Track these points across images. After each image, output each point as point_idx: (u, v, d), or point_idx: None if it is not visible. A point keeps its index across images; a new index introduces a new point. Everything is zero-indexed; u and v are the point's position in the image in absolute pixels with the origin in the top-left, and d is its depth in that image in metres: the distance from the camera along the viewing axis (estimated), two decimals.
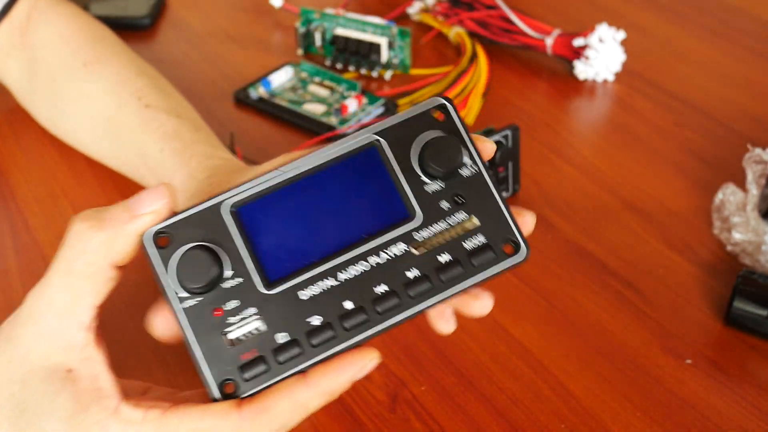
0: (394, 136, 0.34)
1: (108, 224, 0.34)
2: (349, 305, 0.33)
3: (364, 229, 0.33)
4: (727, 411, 0.45)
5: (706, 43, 0.81)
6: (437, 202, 0.34)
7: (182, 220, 0.33)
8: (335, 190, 0.34)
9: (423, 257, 0.33)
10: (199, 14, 0.86)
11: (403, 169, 0.34)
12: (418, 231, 0.33)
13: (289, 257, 0.33)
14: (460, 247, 0.34)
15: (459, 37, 0.78)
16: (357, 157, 0.34)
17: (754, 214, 0.54)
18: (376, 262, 0.33)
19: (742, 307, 0.49)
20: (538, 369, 0.48)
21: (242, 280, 0.33)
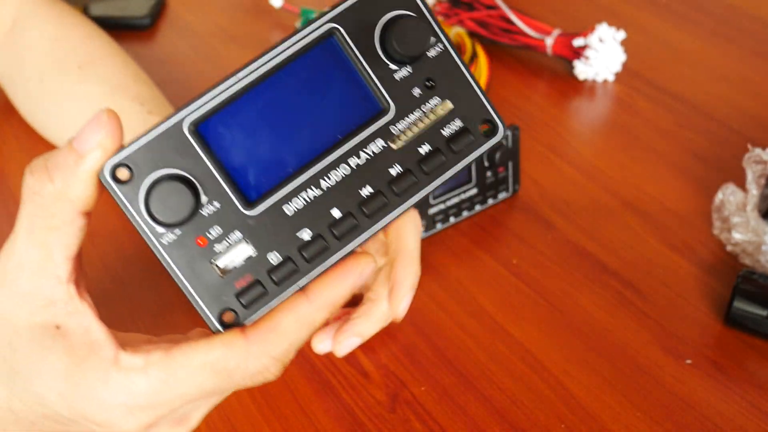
0: (352, 20, 0.31)
1: (57, 172, 0.31)
2: (337, 213, 0.31)
3: (338, 129, 0.31)
4: (727, 411, 0.45)
5: (706, 43, 0.81)
6: (408, 89, 0.32)
7: (140, 149, 0.30)
8: (299, 90, 0.31)
9: (403, 151, 0.32)
10: (199, 14, 0.86)
11: (368, 58, 0.31)
12: (394, 124, 0.32)
13: (265, 171, 0.31)
14: (439, 134, 0.32)
15: (459, 37, 0.78)
16: (316, 51, 0.31)
17: (754, 214, 0.54)
18: (356, 164, 0.31)
19: (742, 307, 0.49)
20: (538, 369, 0.48)
21: (220, 204, 0.30)
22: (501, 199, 0.60)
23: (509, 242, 0.57)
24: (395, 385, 0.47)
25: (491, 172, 0.58)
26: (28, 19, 0.63)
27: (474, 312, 0.52)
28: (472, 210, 0.59)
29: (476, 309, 0.52)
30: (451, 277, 0.54)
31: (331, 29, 0.31)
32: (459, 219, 0.58)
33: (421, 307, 0.52)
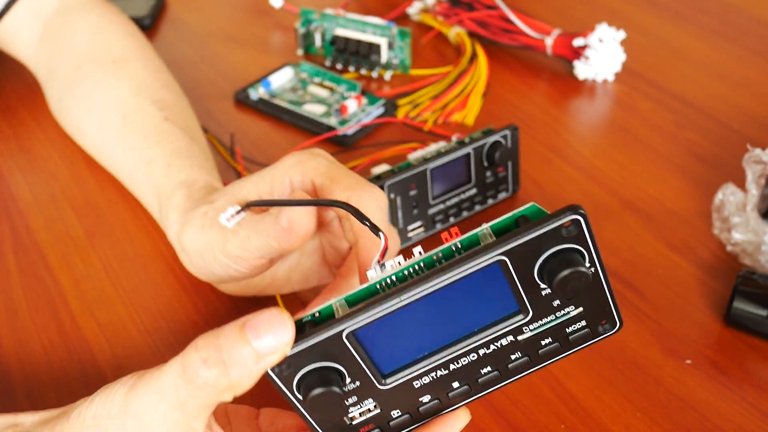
0: (520, 253, 0.32)
1: (233, 369, 0.32)
2: (456, 385, 0.35)
3: (477, 321, 0.34)
4: (727, 411, 0.45)
5: (706, 43, 0.81)
6: (550, 301, 0.34)
7: (303, 351, 0.32)
8: (454, 305, 0.33)
9: (527, 342, 0.35)
10: (199, 14, 0.86)
11: (523, 282, 0.33)
12: (528, 325, 0.34)
13: (404, 355, 0.34)
14: (563, 331, 0.35)
15: (459, 37, 0.78)
16: (479, 274, 0.32)
17: (754, 214, 0.54)
18: (484, 353, 0.35)
19: (742, 307, 0.49)
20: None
21: (360, 383, 0.34)
22: (501, 199, 0.60)
23: None
24: None
25: (491, 172, 0.58)
26: (75, 9, 0.64)
27: None
28: (471, 210, 0.59)
29: None
30: None
31: (499, 260, 0.32)
32: (459, 219, 0.58)
33: None
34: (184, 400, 0.33)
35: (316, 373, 0.33)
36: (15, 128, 0.68)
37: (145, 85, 0.59)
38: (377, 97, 0.70)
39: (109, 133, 0.58)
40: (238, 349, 0.32)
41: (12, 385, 0.47)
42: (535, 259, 0.32)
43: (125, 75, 0.60)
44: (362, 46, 0.74)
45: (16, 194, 0.61)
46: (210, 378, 0.32)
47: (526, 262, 0.32)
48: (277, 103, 0.70)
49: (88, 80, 0.61)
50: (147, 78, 0.60)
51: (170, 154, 0.53)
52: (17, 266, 0.55)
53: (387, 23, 0.73)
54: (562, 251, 0.32)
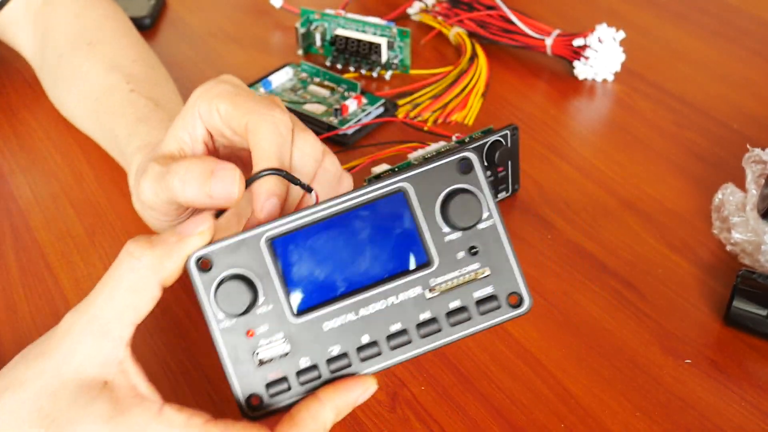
0: (421, 183, 0.36)
1: (158, 244, 0.36)
2: (366, 339, 0.37)
3: (386, 269, 0.37)
4: (727, 411, 0.46)
5: (705, 43, 0.81)
6: (454, 251, 0.37)
7: (223, 247, 0.36)
8: (363, 230, 0.36)
9: (435, 301, 0.37)
10: (199, 14, 0.86)
11: (427, 217, 0.36)
12: (434, 277, 0.37)
13: (316, 290, 0.36)
14: (470, 294, 0.37)
15: (459, 37, 0.78)
16: (385, 200, 0.36)
17: (754, 214, 0.54)
18: (392, 302, 0.36)
19: (741, 307, 0.49)
20: (537, 369, 0.48)
21: (273, 306, 0.36)
22: (500, 198, 0.60)
23: None
24: (395, 384, 0.47)
25: (490, 172, 0.58)
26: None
27: None
28: None
29: None
30: None
31: (403, 187, 0.36)
32: None
33: None
34: (115, 284, 0.35)
35: (233, 278, 0.35)
36: (15, 127, 0.68)
37: (116, 64, 0.60)
38: (377, 96, 0.70)
39: (87, 117, 0.61)
40: (162, 233, 0.36)
41: None
42: (436, 194, 0.36)
43: (99, 57, 0.61)
44: (362, 46, 0.74)
45: (17, 193, 0.61)
46: (135, 249, 0.35)
47: (428, 197, 0.36)
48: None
49: (67, 66, 0.62)
50: (119, 55, 0.61)
51: (132, 124, 0.54)
52: (18, 265, 0.55)
53: (387, 23, 0.73)
54: (459, 189, 0.36)
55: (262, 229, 0.36)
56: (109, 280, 0.36)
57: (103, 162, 0.64)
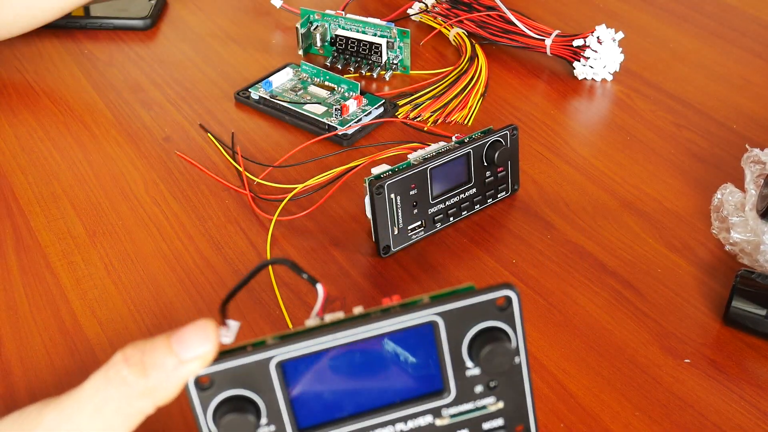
0: (453, 318, 0.33)
1: (153, 371, 0.32)
2: None
3: (399, 393, 0.34)
4: (726, 410, 0.46)
5: (704, 44, 0.81)
6: (473, 384, 0.35)
7: (229, 369, 0.32)
8: (382, 357, 0.34)
9: (444, 428, 0.35)
10: (199, 14, 0.86)
11: (452, 351, 0.34)
12: (447, 407, 0.35)
13: (322, 410, 0.34)
14: (479, 425, 0.35)
15: (458, 37, 0.79)
16: (411, 331, 0.33)
17: (753, 214, 0.54)
18: (401, 429, 0.35)
19: (740, 307, 0.49)
20: (537, 368, 0.48)
21: (275, 428, 0.33)
22: (500, 198, 0.60)
23: (509, 242, 0.57)
24: None
25: (490, 172, 0.58)
26: None
27: None
28: (471, 209, 0.59)
29: None
30: (450, 277, 0.54)
31: (434, 321, 0.33)
32: (459, 218, 0.58)
33: None
34: (102, 403, 0.32)
35: (236, 401, 0.32)
36: (16, 128, 0.68)
37: None
38: (377, 97, 0.70)
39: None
40: (159, 353, 0.32)
41: (14, 384, 0.47)
42: (466, 330, 0.33)
43: None
44: (362, 46, 0.74)
45: (18, 193, 0.61)
46: (128, 376, 0.32)
47: (458, 331, 0.33)
48: (278, 102, 0.70)
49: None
50: None
51: None
52: (18, 265, 0.55)
53: (387, 24, 0.74)
54: (492, 328, 0.34)
55: (274, 353, 0.32)
56: (96, 398, 0.32)
57: (103, 162, 0.64)
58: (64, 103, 0.72)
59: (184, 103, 0.72)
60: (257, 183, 0.62)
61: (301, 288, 0.53)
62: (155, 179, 0.63)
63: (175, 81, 0.75)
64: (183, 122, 0.69)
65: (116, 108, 0.71)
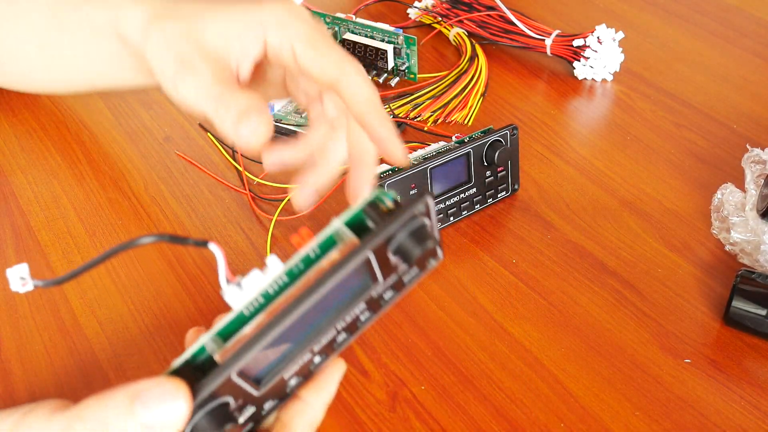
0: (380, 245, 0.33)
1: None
2: (317, 359, 0.36)
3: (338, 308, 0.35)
4: (726, 410, 0.46)
5: (704, 44, 0.81)
6: (397, 272, 0.36)
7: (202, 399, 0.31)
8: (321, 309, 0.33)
9: (371, 301, 0.36)
10: None
11: (382, 266, 0.34)
12: (376, 289, 0.35)
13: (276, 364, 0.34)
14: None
15: (458, 37, 0.79)
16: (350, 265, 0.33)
17: (753, 214, 0.54)
18: (341, 326, 0.35)
19: (740, 307, 0.49)
20: (537, 368, 0.48)
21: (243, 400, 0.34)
22: (501, 198, 0.60)
23: (509, 242, 0.57)
24: (395, 384, 0.47)
25: (490, 172, 0.58)
26: None
27: (473, 311, 0.52)
28: (472, 209, 0.59)
29: (476, 308, 0.52)
30: (450, 277, 0.54)
31: (367, 258, 0.33)
32: (459, 218, 0.58)
33: (422, 307, 0.52)
34: None
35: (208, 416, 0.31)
36: (16, 127, 0.68)
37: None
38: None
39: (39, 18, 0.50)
40: (124, 424, 0.29)
41: (13, 383, 0.47)
42: (392, 244, 0.34)
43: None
44: (369, 52, 0.74)
45: (18, 193, 0.61)
46: None
47: (384, 249, 0.34)
48: (283, 126, 0.67)
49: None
50: None
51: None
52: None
53: (395, 30, 0.73)
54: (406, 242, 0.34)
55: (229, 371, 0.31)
56: None
57: (103, 162, 0.64)
58: (64, 103, 0.71)
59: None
60: (257, 183, 0.62)
61: None
62: (155, 179, 0.63)
63: None
64: (183, 122, 0.69)
65: (116, 108, 0.71)
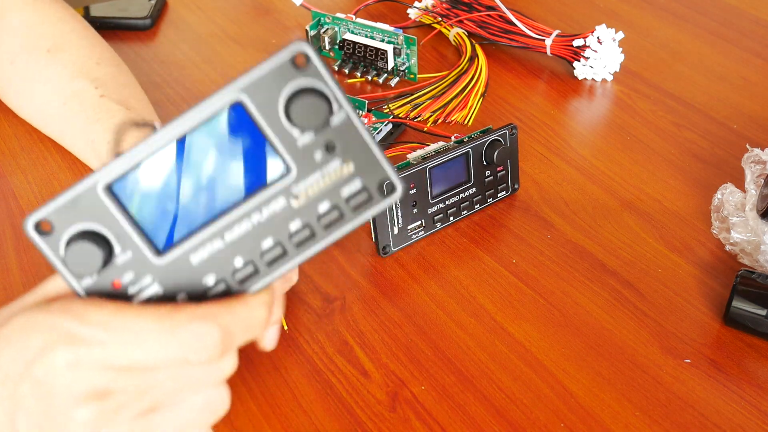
0: (257, 90, 0.33)
1: None
2: (240, 262, 0.34)
3: (243, 189, 0.34)
4: (726, 410, 0.46)
5: (704, 44, 0.81)
6: (311, 154, 0.34)
7: (60, 206, 0.33)
8: (208, 153, 0.34)
9: (303, 208, 0.34)
10: (199, 14, 0.86)
11: (272, 125, 0.33)
12: (296, 184, 0.34)
13: (172, 224, 0.34)
14: (337, 193, 0.35)
15: (458, 37, 0.79)
16: (224, 116, 0.33)
17: (753, 214, 0.54)
18: (258, 220, 0.34)
19: (741, 307, 0.49)
20: (537, 368, 0.48)
21: (132, 253, 0.33)
22: (500, 198, 0.60)
23: (509, 242, 0.57)
24: (395, 384, 0.47)
25: (490, 171, 0.58)
26: (9, 7, 0.67)
27: (473, 311, 0.52)
28: (471, 209, 0.59)
29: (476, 308, 0.52)
30: (450, 277, 0.54)
31: (238, 99, 0.33)
32: (459, 218, 0.58)
33: (421, 307, 0.52)
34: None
35: (82, 236, 0.32)
36: (16, 128, 0.68)
37: (80, 68, 0.62)
38: (385, 113, 0.69)
39: (52, 121, 0.63)
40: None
41: None
42: (277, 99, 0.33)
43: (61, 62, 0.62)
44: (369, 52, 0.74)
45: (18, 193, 0.61)
46: None
47: (269, 105, 0.33)
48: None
49: (23, 73, 0.64)
50: (81, 59, 0.63)
51: (108, 130, 0.56)
52: (18, 265, 0.55)
53: (395, 30, 0.73)
54: (302, 93, 0.33)
55: (96, 178, 0.32)
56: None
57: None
58: None
59: (184, 103, 0.72)
60: None
61: (301, 287, 0.53)
62: None
63: (174, 81, 0.75)
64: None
65: None
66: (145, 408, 0.33)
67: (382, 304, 0.52)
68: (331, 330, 0.51)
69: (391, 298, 0.53)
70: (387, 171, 0.35)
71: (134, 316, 0.32)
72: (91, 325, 0.31)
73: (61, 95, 0.61)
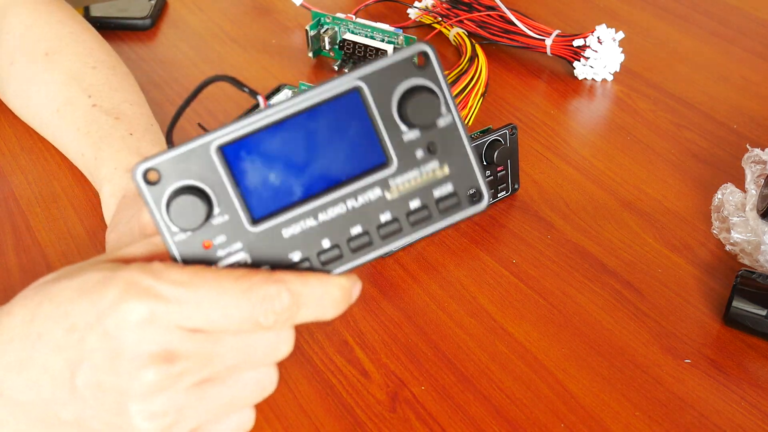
0: (376, 81, 0.35)
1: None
2: (327, 243, 0.35)
3: (345, 172, 0.35)
4: (726, 410, 0.46)
5: (705, 44, 0.81)
6: (413, 150, 0.35)
7: (171, 158, 0.34)
8: (318, 133, 0.35)
9: (395, 202, 0.36)
10: (199, 14, 0.86)
11: (383, 116, 0.35)
12: (393, 178, 0.35)
13: (273, 197, 0.35)
14: (430, 193, 0.36)
15: (458, 37, 0.79)
16: (340, 101, 0.35)
17: (753, 214, 0.54)
18: (352, 206, 0.35)
19: (741, 307, 0.49)
20: (537, 368, 0.48)
21: (229, 217, 0.34)
22: (500, 198, 0.60)
23: (509, 242, 0.57)
24: (395, 384, 0.47)
25: (490, 171, 0.58)
26: (9, 7, 0.67)
27: (474, 311, 0.52)
28: None
29: (476, 308, 0.52)
30: (450, 277, 0.54)
31: (357, 86, 0.35)
32: None
33: (422, 307, 0.52)
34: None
35: (186, 190, 0.34)
36: (16, 127, 0.68)
37: (74, 73, 0.62)
38: None
39: (46, 127, 0.63)
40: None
41: None
42: (392, 92, 0.35)
43: (57, 67, 0.62)
44: (369, 52, 0.74)
45: (18, 193, 0.61)
46: None
47: (384, 95, 0.34)
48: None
49: (21, 76, 0.64)
50: (77, 64, 0.62)
51: (96, 145, 0.56)
52: (18, 265, 0.55)
53: (395, 30, 0.73)
54: (416, 87, 0.34)
55: (211, 137, 0.34)
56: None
57: None
58: None
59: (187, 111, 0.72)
60: None
61: None
62: None
63: (174, 80, 0.75)
64: (182, 122, 0.69)
65: None
66: (203, 378, 0.33)
67: (382, 304, 0.52)
68: (330, 330, 0.51)
69: (391, 298, 0.53)
70: (479, 180, 0.36)
71: (214, 277, 0.32)
72: (170, 283, 0.32)
73: (54, 101, 0.61)
